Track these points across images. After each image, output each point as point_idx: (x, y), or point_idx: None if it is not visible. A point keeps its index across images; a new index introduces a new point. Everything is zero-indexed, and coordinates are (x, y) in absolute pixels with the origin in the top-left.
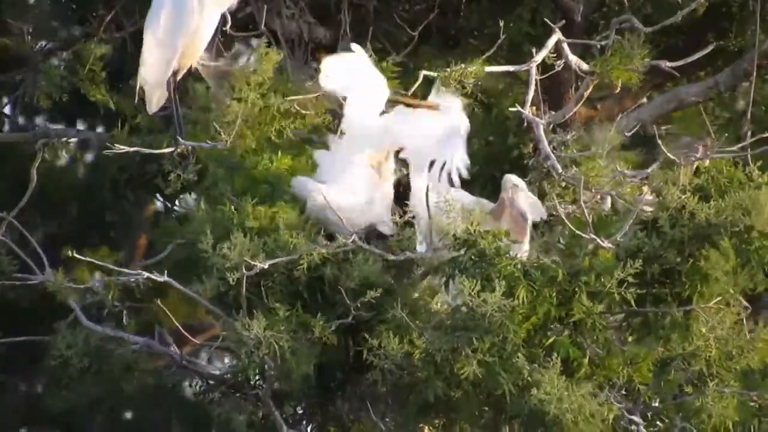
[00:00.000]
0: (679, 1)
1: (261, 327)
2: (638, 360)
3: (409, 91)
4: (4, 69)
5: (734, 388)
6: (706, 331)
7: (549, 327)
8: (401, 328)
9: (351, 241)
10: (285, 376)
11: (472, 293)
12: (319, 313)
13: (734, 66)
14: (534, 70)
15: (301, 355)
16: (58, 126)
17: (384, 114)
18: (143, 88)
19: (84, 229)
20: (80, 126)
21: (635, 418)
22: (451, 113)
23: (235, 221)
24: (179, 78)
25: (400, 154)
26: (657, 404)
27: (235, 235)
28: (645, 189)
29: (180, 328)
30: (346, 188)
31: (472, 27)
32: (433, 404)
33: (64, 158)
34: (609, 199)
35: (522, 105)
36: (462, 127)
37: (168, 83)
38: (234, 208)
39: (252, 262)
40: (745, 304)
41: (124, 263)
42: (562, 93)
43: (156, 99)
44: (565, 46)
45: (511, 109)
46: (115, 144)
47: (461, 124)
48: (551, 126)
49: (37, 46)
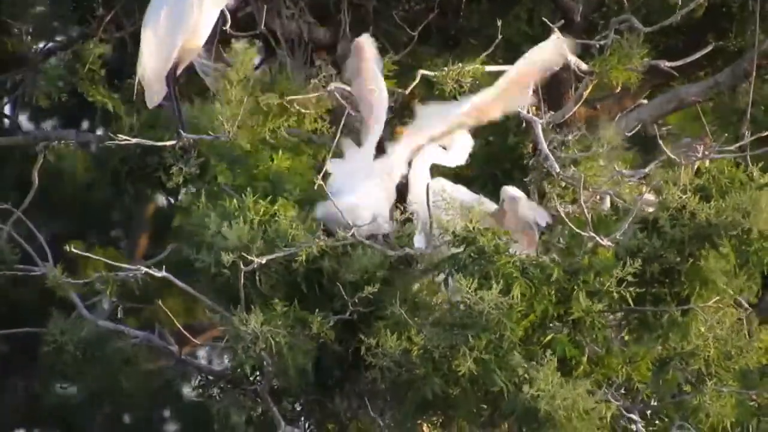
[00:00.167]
0: (679, 1)
1: (258, 322)
2: (637, 359)
3: (407, 90)
4: (4, 69)
5: (733, 387)
6: (705, 330)
7: (547, 325)
8: (399, 325)
9: (350, 234)
10: (282, 372)
11: (469, 290)
12: (317, 307)
13: (734, 66)
14: None
15: (299, 351)
16: (57, 127)
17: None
18: (142, 83)
19: (85, 229)
20: (81, 126)
21: (634, 416)
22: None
23: (236, 213)
24: (179, 73)
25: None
26: (655, 403)
27: (235, 222)
28: (644, 188)
29: (180, 327)
30: (362, 200)
31: (472, 27)
32: (432, 401)
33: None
34: (608, 199)
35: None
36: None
37: (168, 78)
38: (236, 203)
39: (250, 258)
40: (745, 305)
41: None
42: (561, 93)
43: (156, 94)
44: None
45: None
46: (117, 135)
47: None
48: (551, 126)
49: (35, 47)
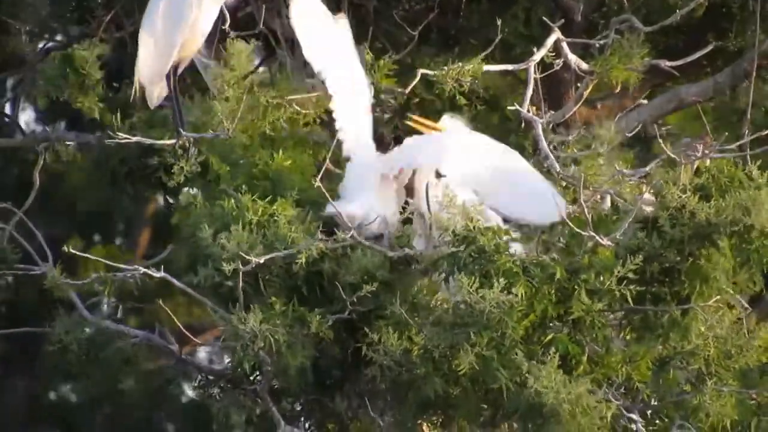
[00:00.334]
0: (679, 1)
1: (257, 321)
2: (637, 358)
3: (407, 89)
4: (4, 69)
5: (733, 386)
6: (705, 329)
7: (548, 324)
8: (400, 325)
9: (350, 236)
10: (282, 372)
11: (470, 290)
12: (317, 308)
13: (734, 66)
14: (533, 69)
15: (298, 350)
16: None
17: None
18: (142, 83)
19: (85, 229)
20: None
21: (634, 416)
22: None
23: (234, 215)
24: (179, 72)
25: None
26: (656, 402)
27: (234, 227)
28: (644, 188)
29: (181, 327)
30: (364, 208)
31: (472, 27)
32: (432, 401)
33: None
34: (609, 198)
35: (521, 104)
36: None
37: (168, 77)
38: (234, 204)
39: (248, 257)
40: (744, 304)
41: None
42: (561, 92)
43: (156, 93)
44: (565, 45)
45: (510, 108)
46: (117, 133)
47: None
48: (551, 125)
49: (35, 47)
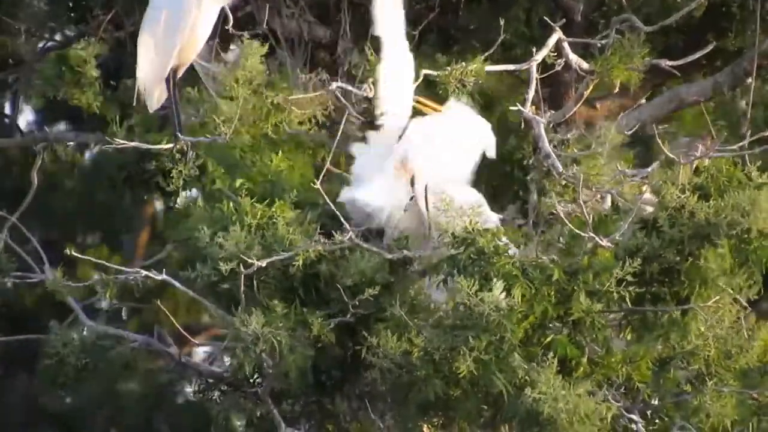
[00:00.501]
0: (679, 1)
1: (259, 323)
2: (637, 359)
3: None
4: (3, 68)
5: (733, 387)
6: (705, 330)
7: (547, 326)
8: (400, 327)
9: (348, 238)
10: (283, 374)
11: (469, 292)
12: (316, 310)
13: (734, 66)
14: (534, 69)
15: (299, 353)
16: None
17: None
18: (142, 86)
19: (83, 231)
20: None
21: (634, 416)
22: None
23: (233, 218)
24: (179, 75)
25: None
26: (656, 403)
27: (232, 228)
28: (645, 188)
29: (180, 328)
30: (373, 196)
31: (473, 27)
32: (432, 403)
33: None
34: (609, 198)
35: (522, 104)
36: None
37: (167, 80)
38: (233, 207)
39: (248, 259)
40: (744, 303)
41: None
42: (562, 92)
43: (156, 97)
44: (566, 45)
45: (511, 108)
46: (115, 139)
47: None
48: (551, 125)
49: (33, 47)
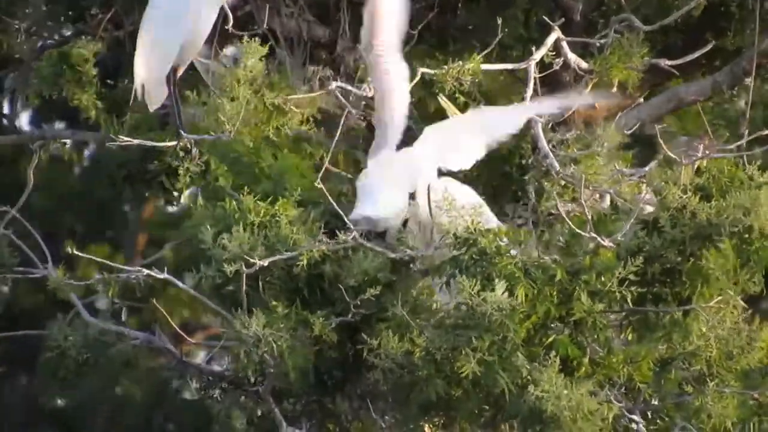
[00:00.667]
0: (677, 0)
1: (260, 325)
2: (638, 359)
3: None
4: (2, 67)
5: (734, 387)
6: (707, 330)
7: (549, 326)
8: (401, 327)
9: (351, 237)
10: (284, 374)
11: (472, 292)
12: (318, 310)
13: (733, 65)
14: (532, 68)
15: (300, 353)
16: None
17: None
18: (142, 85)
19: (83, 229)
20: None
21: (635, 417)
22: None
23: (236, 217)
24: (180, 74)
25: None
26: (657, 403)
27: (235, 228)
28: (644, 187)
29: (177, 329)
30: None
31: (471, 27)
32: (434, 403)
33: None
34: (608, 198)
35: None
36: None
37: (168, 79)
38: (236, 206)
39: (251, 260)
40: (743, 304)
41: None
42: (560, 92)
43: (156, 96)
44: (564, 44)
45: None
46: (119, 136)
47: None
48: (550, 124)
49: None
